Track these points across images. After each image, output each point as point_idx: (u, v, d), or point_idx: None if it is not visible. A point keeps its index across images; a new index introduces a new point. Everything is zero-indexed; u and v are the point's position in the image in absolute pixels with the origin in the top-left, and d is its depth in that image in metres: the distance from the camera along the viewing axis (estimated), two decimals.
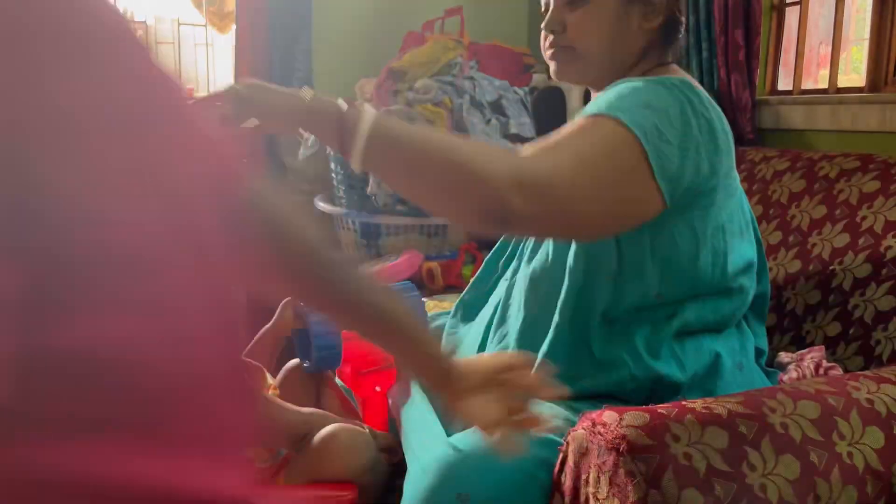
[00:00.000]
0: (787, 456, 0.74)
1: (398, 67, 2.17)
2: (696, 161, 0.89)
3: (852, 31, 2.28)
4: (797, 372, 1.05)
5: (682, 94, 0.91)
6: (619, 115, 0.86)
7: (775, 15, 1.95)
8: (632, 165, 0.86)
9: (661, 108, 0.89)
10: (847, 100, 1.68)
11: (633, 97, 0.89)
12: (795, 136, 1.82)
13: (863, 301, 1.20)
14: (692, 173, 0.89)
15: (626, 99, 0.89)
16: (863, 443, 0.78)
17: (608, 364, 0.95)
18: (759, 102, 1.90)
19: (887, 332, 1.15)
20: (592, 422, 0.76)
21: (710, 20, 1.90)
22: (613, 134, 0.86)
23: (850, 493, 0.75)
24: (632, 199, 0.88)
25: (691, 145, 0.89)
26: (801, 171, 1.48)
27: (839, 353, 1.21)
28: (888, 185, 1.29)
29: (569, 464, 0.78)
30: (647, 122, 0.86)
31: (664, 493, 0.68)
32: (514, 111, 2.21)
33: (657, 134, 0.86)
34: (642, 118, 0.86)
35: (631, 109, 0.87)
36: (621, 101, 0.88)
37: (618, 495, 0.71)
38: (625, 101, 0.88)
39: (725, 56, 1.86)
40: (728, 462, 0.71)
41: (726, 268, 0.96)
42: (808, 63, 1.94)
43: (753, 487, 0.70)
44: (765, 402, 0.78)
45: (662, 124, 0.87)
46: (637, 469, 0.69)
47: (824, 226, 1.34)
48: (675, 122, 0.88)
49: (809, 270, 1.32)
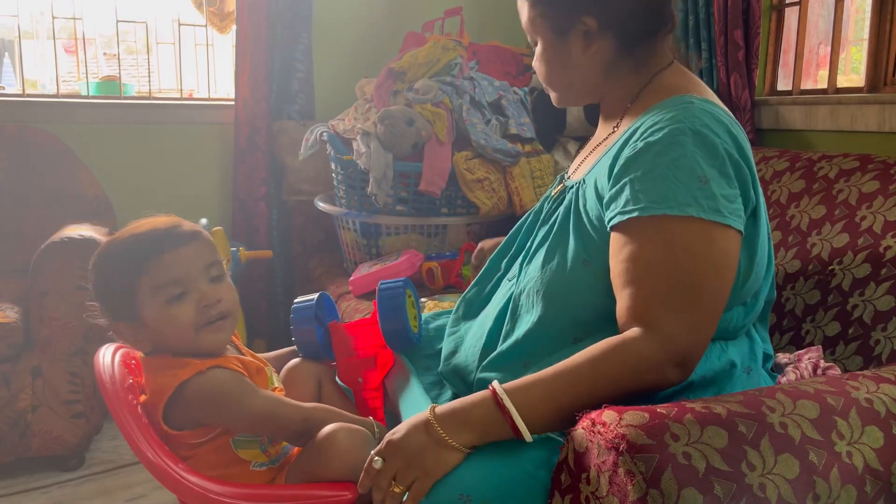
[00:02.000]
0: (787, 455, 0.74)
1: (398, 67, 2.18)
2: (748, 191, 0.93)
3: (851, 32, 2.29)
4: (795, 373, 1.05)
5: (716, 138, 0.90)
6: (693, 212, 0.86)
7: (775, 15, 1.95)
8: (731, 250, 0.89)
9: (714, 167, 0.89)
10: (846, 100, 1.68)
11: (686, 172, 0.88)
12: (795, 136, 1.82)
13: (862, 301, 1.21)
14: (746, 201, 0.93)
15: (682, 179, 0.88)
16: (862, 442, 0.78)
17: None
18: (758, 103, 1.90)
19: (886, 332, 1.16)
20: (592, 421, 0.76)
21: (710, 20, 1.91)
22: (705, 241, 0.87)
23: (849, 493, 0.75)
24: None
25: (745, 179, 0.92)
26: (801, 171, 1.48)
27: (838, 352, 1.21)
28: (887, 185, 1.29)
29: (568, 463, 0.79)
30: (714, 198, 0.87)
31: (664, 492, 0.68)
32: (514, 111, 2.21)
33: (726, 202, 0.88)
34: (707, 197, 0.87)
35: (694, 194, 0.87)
36: (679, 186, 0.87)
37: (617, 494, 0.71)
38: (682, 185, 0.87)
39: (725, 56, 1.87)
40: (727, 461, 0.71)
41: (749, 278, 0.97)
42: (807, 63, 1.94)
43: (752, 487, 0.71)
44: (764, 402, 0.78)
45: (722, 186, 0.88)
46: (636, 468, 0.70)
47: (823, 226, 1.34)
48: (726, 170, 0.90)
49: (809, 270, 1.32)
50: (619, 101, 1.06)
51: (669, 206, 0.87)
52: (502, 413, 0.84)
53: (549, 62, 1.06)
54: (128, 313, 1.03)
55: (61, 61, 2.84)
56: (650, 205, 0.87)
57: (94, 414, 1.98)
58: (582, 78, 1.05)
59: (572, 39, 1.02)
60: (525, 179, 2.10)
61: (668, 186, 0.87)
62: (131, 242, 1.03)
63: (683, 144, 0.89)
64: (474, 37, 2.68)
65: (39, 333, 1.88)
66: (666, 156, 0.89)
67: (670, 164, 0.89)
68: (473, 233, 2.20)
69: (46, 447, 1.91)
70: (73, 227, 1.98)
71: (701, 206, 0.86)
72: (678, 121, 0.91)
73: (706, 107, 0.94)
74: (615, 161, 0.95)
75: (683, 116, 0.91)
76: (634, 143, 0.93)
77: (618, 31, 1.01)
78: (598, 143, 1.09)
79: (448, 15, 2.46)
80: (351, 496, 1.00)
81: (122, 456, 2.04)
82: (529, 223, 1.18)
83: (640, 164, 0.91)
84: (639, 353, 0.84)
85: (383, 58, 2.39)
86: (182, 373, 1.00)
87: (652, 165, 0.89)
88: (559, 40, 1.03)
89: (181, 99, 2.83)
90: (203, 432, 1.03)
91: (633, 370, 0.84)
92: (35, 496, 1.85)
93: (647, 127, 0.93)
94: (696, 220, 0.86)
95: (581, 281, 0.96)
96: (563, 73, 1.06)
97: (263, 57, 2.53)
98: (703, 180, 0.88)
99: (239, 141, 2.56)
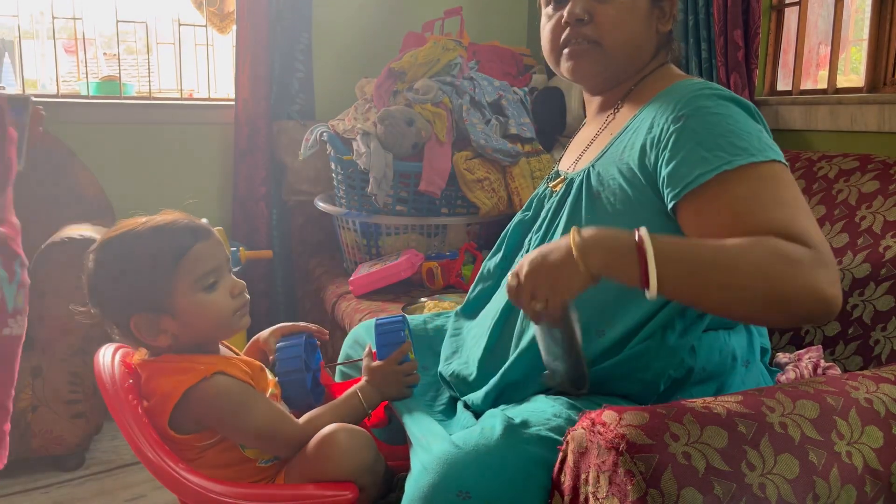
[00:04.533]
0: (786, 455, 0.74)
1: (398, 67, 2.18)
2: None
3: (851, 32, 2.29)
4: (795, 372, 1.05)
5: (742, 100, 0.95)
6: (772, 156, 0.88)
7: (774, 15, 1.95)
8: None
9: (758, 122, 0.94)
10: (846, 100, 1.68)
11: (741, 125, 0.90)
12: (794, 136, 1.82)
13: (862, 301, 1.21)
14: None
15: (745, 130, 0.90)
16: (862, 442, 0.78)
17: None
18: (758, 103, 1.90)
19: (886, 332, 1.16)
20: (592, 421, 0.76)
21: (710, 20, 1.90)
22: (789, 179, 0.88)
23: (849, 493, 0.75)
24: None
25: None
26: (801, 171, 1.48)
27: (838, 352, 1.21)
28: (887, 185, 1.29)
29: (568, 463, 0.79)
30: (774, 146, 0.91)
31: (663, 492, 0.68)
32: (514, 111, 2.21)
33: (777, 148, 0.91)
34: (772, 145, 0.90)
35: (764, 141, 0.90)
36: (748, 137, 0.89)
37: (617, 494, 0.71)
38: (749, 135, 0.89)
39: (725, 56, 1.87)
40: (727, 461, 0.71)
41: None
42: (807, 63, 1.94)
43: (752, 487, 0.71)
44: (764, 402, 0.78)
45: (766, 134, 0.93)
46: (636, 468, 0.70)
47: (823, 226, 1.34)
48: (765, 124, 0.95)
49: None
50: (621, 90, 1.09)
51: (751, 154, 0.87)
52: (639, 257, 0.80)
53: (632, 18, 1.03)
54: (157, 305, 1.02)
55: (61, 61, 2.84)
56: (733, 157, 0.87)
57: (94, 414, 1.98)
58: (644, 48, 1.07)
59: (656, 10, 1.06)
60: (525, 179, 2.10)
61: (739, 137, 0.89)
62: (165, 234, 1.03)
63: (726, 105, 0.92)
64: (474, 37, 2.68)
65: (39, 333, 1.89)
66: (718, 115, 0.91)
67: (725, 121, 0.90)
68: (473, 233, 2.20)
69: (46, 447, 1.91)
70: (73, 227, 1.98)
71: (773, 150, 0.89)
72: (703, 91, 0.95)
73: (711, 84, 0.98)
74: (644, 140, 0.95)
75: (704, 87, 0.96)
76: (667, 121, 0.93)
77: (675, 21, 1.08)
78: (597, 134, 1.10)
79: (448, 15, 2.46)
80: (351, 496, 1.00)
81: (122, 456, 2.04)
82: (520, 222, 1.18)
83: (696, 131, 0.90)
84: (793, 250, 0.78)
85: (383, 58, 2.39)
86: (186, 379, 1.00)
87: (710, 126, 0.90)
88: (649, 9, 1.05)
89: (181, 99, 2.82)
90: (209, 435, 1.03)
91: (784, 260, 0.77)
92: (35, 496, 1.85)
93: (675, 103, 0.95)
94: (775, 164, 0.88)
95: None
96: (637, 36, 1.05)
97: (263, 57, 2.53)
98: (759, 131, 0.91)
99: (239, 141, 2.56)
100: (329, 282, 2.19)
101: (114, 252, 1.03)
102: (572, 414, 0.91)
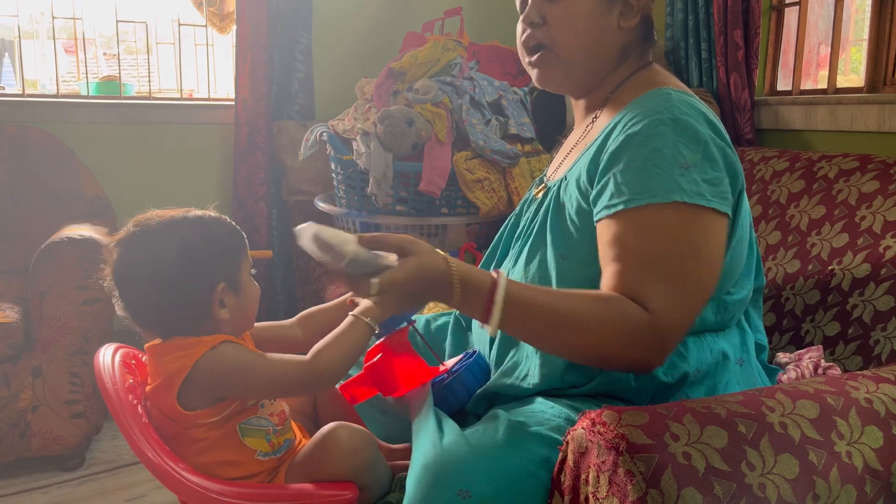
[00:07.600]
0: (786, 455, 0.74)
1: (398, 67, 2.18)
2: (737, 171, 0.94)
3: (851, 32, 2.29)
4: (795, 372, 1.05)
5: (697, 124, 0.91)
6: (676, 198, 0.86)
7: (774, 15, 1.95)
8: (716, 232, 0.89)
9: (696, 152, 0.90)
10: (846, 100, 1.68)
11: (667, 160, 0.88)
12: (794, 136, 1.82)
13: (862, 301, 1.21)
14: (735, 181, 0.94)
15: (663, 167, 0.88)
16: (862, 442, 0.78)
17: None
18: (758, 103, 1.90)
19: (886, 332, 1.16)
20: (592, 421, 0.76)
21: (710, 20, 1.91)
22: (689, 225, 0.87)
23: (848, 493, 0.75)
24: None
25: (732, 161, 0.93)
26: (800, 171, 1.48)
27: (838, 352, 1.21)
28: (887, 185, 1.29)
29: (568, 463, 0.79)
30: (697, 183, 0.88)
31: (663, 492, 0.68)
32: (514, 111, 2.21)
33: (709, 186, 0.88)
34: (690, 182, 0.87)
35: (676, 180, 0.87)
36: (661, 175, 0.88)
37: (617, 494, 0.71)
38: (664, 173, 0.88)
39: (724, 56, 1.87)
40: (727, 461, 0.71)
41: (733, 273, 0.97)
42: (807, 63, 1.94)
43: (752, 487, 0.71)
44: (764, 402, 0.78)
45: (705, 171, 0.89)
46: (636, 468, 0.70)
47: (823, 226, 1.34)
48: (710, 153, 0.91)
49: (808, 270, 1.32)
50: (601, 94, 1.06)
51: (652, 195, 0.87)
52: (487, 305, 0.87)
53: (581, 16, 1.00)
54: (232, 278, 1.07)
55: (61, 61, 2.84)
56: (633, 196, 0.88)
57: (94, 414, 1.98)
58: (605, 48, 1.03)
59: (615, 6, 1.02)
60: (525, 179, 2.10)
61: (650, 176, 0.88)
62: (226, 224, 1.10)
63: (664, 134, 0.90)
64: (474, 37, 2.68)
65: (39, 333, 1.88)
66: (646, 146, 0.90)
67: (651, 154, 0.89)
68: (473, 233, 2.20)
69: (46, 447, 1.91)
70: (73, 227, 1.98)
71: (684, 191, 0.87)
72: (657, 111, 0.92)
73: (683, 97, 0.95)
74: (598, 156, 0.95)
75: (663, 106, 0.93)
76: (616, 136, 0.94)
77: (644, 15, 1.03)
78: (577, 142, 1.10)
79: (448, 15, 2.46)
80: (351, 496, 1.01)
81: (122, 456, 2.04)
82: (511, 226, 1.18)
83: (622, 157, 0.91)
84: (630, 315, 0.85)
85: (383, 58, 2.39)
86: (195, 351, 1.00)
87: (633, 157, 0.90)
88: (603, 6, 1.01)
89: (181, 99, 2.82)
90: (218, 409, 1.03)
91: (617, 329, 0.85)
92: (35, 496, 1.85)
93: (628, 120, 0.94)
94: (679, 205, 0.87)
95: (562, 274, 0.97)
96: (590, 35, 1.01)
97: (263, 57, 2.53)
98: (685, 167, 0.88)
99: (239, 141, 2.56)
100: (329, 282, 2.19)
101: (192, 228, 1.06)
102: (572, 414, 0.91)
